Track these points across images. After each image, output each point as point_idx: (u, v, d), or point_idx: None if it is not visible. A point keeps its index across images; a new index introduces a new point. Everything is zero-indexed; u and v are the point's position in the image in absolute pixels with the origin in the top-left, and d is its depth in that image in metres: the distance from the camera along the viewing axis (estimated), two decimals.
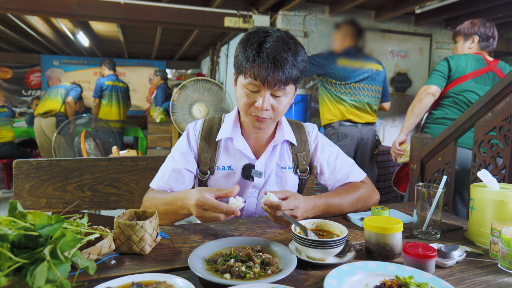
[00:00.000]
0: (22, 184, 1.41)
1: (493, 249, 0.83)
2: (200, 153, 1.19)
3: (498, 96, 1.53)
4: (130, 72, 8.86)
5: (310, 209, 1.04)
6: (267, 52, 0.98)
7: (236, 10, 4.25)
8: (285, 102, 1.07)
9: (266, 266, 0.75)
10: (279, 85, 1.01)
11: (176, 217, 1.06)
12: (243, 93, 1.06)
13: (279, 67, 0.98)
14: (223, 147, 1.19)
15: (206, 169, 1.17)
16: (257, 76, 0.99)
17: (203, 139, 1.20)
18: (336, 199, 1.12)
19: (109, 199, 1.49)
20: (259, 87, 1.02)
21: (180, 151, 1.19)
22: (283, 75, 0.99)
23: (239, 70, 1.07)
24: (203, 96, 3.00)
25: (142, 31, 6.11)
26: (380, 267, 0.73)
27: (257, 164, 1.17)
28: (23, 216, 0.63)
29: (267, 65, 0.98)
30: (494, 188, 0.92)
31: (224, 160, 1.18)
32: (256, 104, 1.03)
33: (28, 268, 0.56)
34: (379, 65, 2.86)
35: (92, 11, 3.84)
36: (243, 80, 1.04)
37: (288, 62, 0.99)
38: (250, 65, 1.00)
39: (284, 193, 0.99)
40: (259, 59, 0.98)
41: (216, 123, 1.23)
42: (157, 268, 0.76)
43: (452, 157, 1.78)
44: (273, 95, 1.04)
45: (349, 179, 1.23)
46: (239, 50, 1.05)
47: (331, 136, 2.85)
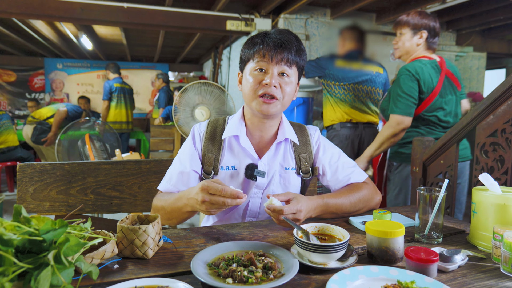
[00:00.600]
0: (26, 188, 1.42)
1: (496, 253, 0.83)
2: (204, 153, 1.20)
3: (499, 99, 1.53)
4: (133, 75, 8.91)
5: (313, 210, 1.05)
6: (274, 35, 1.08)
7: (238, 14, 4.27)
8: (291, 85, 1.11)
9: (268, 270, 0.75)
10: (285, 61, 1.07)
11: (181, 216, 1.07)
12: (251, 77, 1.10)
13: (285, 44, 1.07)
14: (227, 146, 1.20)
15: (210, 169, 1.18)
16: (265, 53, 1.07)
17: (207, 139, 1.21)
18: (338, 200, 1.13)
19: (112, 203, 1.50)
20: (267, 65, 1.08)
21: (186, 153, 1.20)
22: (289, 53, 1.07)
23: (246, 59, 1.13)
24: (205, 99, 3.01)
25: (145, 35, 6.15)
26: (382, 272, 0.74)
27: (260, 164, 1.18)
28: (28, 221, 0.64)
29: (275, 42, 1.06)
30: (496, 192, 0.92)
31: (228, 160, 1.19)
32: (264, 82, 1.07)
33: (32, 273, 0.57)
34: (379, 67, 2.87)
35: (96, 15, 3.87)
36: (251, 65, 1.11)
37: (293, 43, 1.08)
38: (258, 48, 1.08)
39: (287, 195, 1.00)
40: (267, 40, 1.07)
41: (220, 124, 1.24)
42: (159, 273, 0.76)
43: (454, 160, 1.78)
44: (280, 75, 1.09)
45: (350, 180, 1.24)
46: (245, 45, 1.14)
47: (333, 138, 2.87)
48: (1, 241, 0.56)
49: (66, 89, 8.44)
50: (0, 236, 0.57)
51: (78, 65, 8.55)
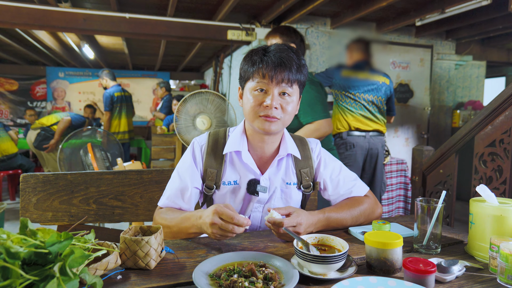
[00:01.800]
0: (29, 198, 1.43)
1: (492, 263, 0.84)
2: (206, 168, 1.19)
3: (497, 110, 1.55)
4: (134, 83, 8.96)
5: (314, 224, 1.06)
6: (273, 53, 1.06)
7: (239, 23, 4.32)
8: (292, 104, 1.10)
9: (268, 281, 0.76)
10: (286, 81, 1.06)
11: (187, 236, 1.07)
12: (251, 97, 1.09)
13: (286, 63, 1.04)
14: (229, 161, 1.19)
15: (212, 184, 1.18)
16: (265, 73, 1.05)
17: (208, 154, 1.20)
18: (339, 214, 1.13)
19: (114, 212, 1.51)
20: (267, 85, 1.06)
21: (187, 169, 1.19)
22: (290, 72, 1.05)
23: (245, 77, 1.11)
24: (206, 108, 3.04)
25: (146, 44, 6.21)
26: (381, 283, 0.75)
27: (262, 179, 1.17)
28: (34, 234, 0.65)
29: (274, 62, 1.04)
30: (493, 203, 0.94)
31: (230, 175, 1.18)
32: (265, 103, 1.06)
33: (39, 285, 0.58)
34: (386, 78, 2.92)
35: (98, 25, 3.92)
36: (251, 84, 1.09)
37: (294, 61, 1.06)
38: (257, 67, 1.06)
39: (287, 209, 1.01)
40: (266, 58, 1.05)
41: (221, 137, 1.23)
42: (162, 283, 0.78)
43: (453, 169, 1.79)
44: (281, 95, 1.08)
45: (352, 194, 1.24)
46: (244, 61, 1.11)
47: (340, 146, 2.90)
48: (8, 253, 0.58)
49: (67, 97, 8.50)
50: (7, 249, 0.58)
51: (79, 73, 8.61)
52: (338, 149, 2.96)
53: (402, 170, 3.65)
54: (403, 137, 4.92)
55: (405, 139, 4.94)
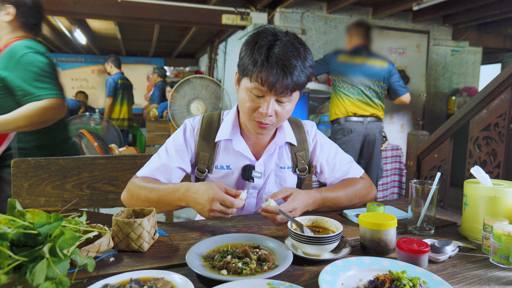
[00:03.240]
0: (21, 183, 1.41)
1: (485, 244, 0.84)
2: (199, 151, 1.17)
3: (493, 93, 1.54)
4: (128, 70, 8.84)
5: (311, 204, 1.07)
6: (276, 58, 0.95)
7: (233, 8, 4.25)
8: (288, 108, 1.05)
9: (262, 262, 0.76)
10: (286, 92, 0.98)
11: (168, 207, 1.04)
12: (247, 97, 1.03)
13: (287, 73, 0.95)
14: (223, 147, 1.17)
15: (204, 167, 1.17)
16: (265, 81, 0.96)
17: (202, 137, 1.17)
18: (336, 193, 1.14)
19: (107, 197, 1.50)
20: (265, 93, 0.99)
21: (175, 147, 1.16)
22: (292, 82, 0.97)
23: (244, 73, 1.03)
24: (200, 93, 3.01)
25: (140, 29, 6.10)
26: (374, 263, 0.75)
27: (257, 165, 1.16)
28: (22, 215, 0.64)
29: (276, 71, 0.95)
30: (487, 184, 0.94)
31: (222, 160, 1.17)
32: (261, 110, 1.01)
33: (28, 266, 0.57)
34: (384, 61, 2.89)
35: (89, 8, 3.83)
36: (248, 84, 1.01)
37: (297, 68, 0.97)
38: (258, 70, 0.96)
39: (284, 192, 1.01)
40: (268, 64, 0.95)
41: (215, 120, 1.20)
42: (155, 265, 0.77)
43: (448, 154, 1.80)
44: (278, 101, 1.02)
45: (347, 176, 1.24)
46: (246, 52, 1.01)
47: (338, 132, 2.91)
48: None
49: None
50: None
51: (72, 60, 8.47)
52: (335, 135, 2.96)
53: (397, 156, 3.66)
54: (398, 124, 4.93)
55: (400, 125, 4.95)
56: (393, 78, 2.93)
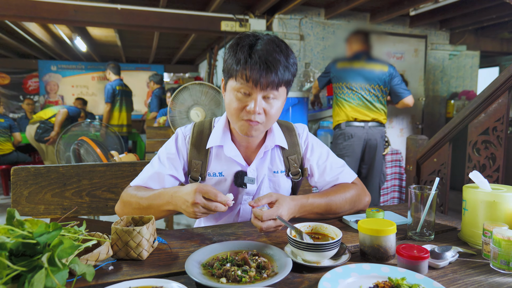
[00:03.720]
0: (20, 191, 1.41)
1: (485, 249, 0.84)
2: (191, 159, 1.17)
3: (490, 97, 1.55)
4: (128, 76, 8.88)
5: (297, 210, 1.04)
6: (259, 54, 0.97)
7: (232, 14, 4.28)
8: (276, 106, 1.05)
9: (261, 269, 0.76)
10: (271, 87, 0.99)
11: (158, 213, 1.03)
12: (233, 97, 1.03)
13: (271, 68, 0.97)
14: (214, 154, 1.17)
15: (197, 175, 1.16)
16: (249, 78, 0.97)
17: (193, 145, 1.17)
18: (325, 199, 1.11)
19: (107, 205, 1.50)
20: (251, 90, 1.00)
21: (167, 156, 1.16)
22: (276, 76, 0.98)
23: (229, 74, 1.04)
24: (200, 100, 3.01)
25: (140, 36, 6.14)
26: (374, 269, 0.75)
27: (249, 170, 1.16)
28: (21, 224, 0.64)
29: (260, 66, 0.96)
30: (486, 189, 0.94)
31: (215, 167, 1.16)
32: (248, 108, 1.01)
33: (26, 275, 0.57)
34: (383, 65, 2.90)
35: (89, 17, 3.86)
36: (234, 84, 1.02)
37: (281, 63, 0.98)
38: (242, 68, 0.98)
39: (269, 198, 0.98)
40: (251, 61, 0.96)
41: (206, 128, 1.20)
42: (154, 273, 0.77)
43: (447, 158, 1.80)
44: (265, 98, 1.02)
45: (338, 181, 1.21)
46: (229, 54, 1.03)
47: (338, 137, 2.90)
48: None
49: (60, 91, 8.40)
50: None
51: (72, 67, 8.51)
52: (336, 140, 2.96)
53: (396, 160, 3.66)
54: (398, 128, 4.94)
55: (400, 129, 4.95)
56: (394, 81, 2.92)
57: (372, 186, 3.03)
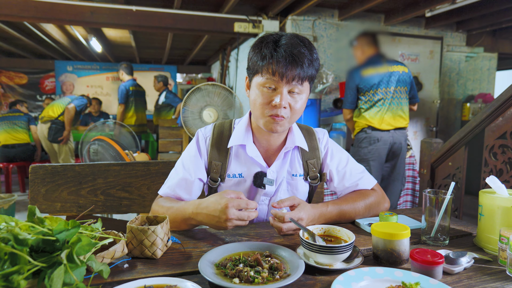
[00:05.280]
0: (38, 189, 1.45)
1: (502, 255, 0.83)
2: (211, 160, 1.17)
3: (508, 101, 1.52)
4: (141, 77, 8.99)
5: (317, 218, 1.05)
6: (284, 48, 0.99)
7: (245, 16, 4.29)
8: (301, 101, 1.06)
9: (274, 271, 0.76)
10: (297, 80, 1.01)
11: (184, 226, 1.05)
12: (259, 93, 1.05)
13: (297, 61, 0.99)
14: (234, 154, 1.18)
15: (217, 176, 1.17)
16: (275, 71, 0.99)
17: (213, 146, 1.18)
18: (344, 207, 1.12)
19: (121, 203, 1.53)
20: (277, 83, 1.01)
21: (191, 159, 1.18)
22: (301, 69, 1.00)
23: (254, 71, 1.06)
24: (213, 100, 3.04)
25: (153, 37, 6.21)
26: (387, 273, 0.74)
27: (269, 172, 1.16)
28: (41, 222, 0.66)
29: (286, 59, 0.98)
30: (503, 195, 0.92)
31: (235, 168, 1.17)
32: (274, 102, 1.02)
33: (46, 271, 0.59)
34: (403, 66, 2.87)
35: (105, 18, 3.93)
36: (260, 79, 1.04)
37: (306, 56, 1.00)
38: (268, 62, 1.00)
39: (292, 200, 1.00)
40: (277, 54, 0.99)
41: (226, 129, 1.21)
42: (168, 272, 0.78)
43: (462, 162, 1.77)
44: (290, 93, 1.04)
45: (358, 187, 1.22)
46: (253, 52, 1.05)
47: (363, 140, 2.84)
48: (16, 240, 0.59)
49: (76, 91, 8.57)
50: (16, 235, 0.59)
51: (87, 67, 8.67)
52: (360, 143, 2.89)
53: (410, 163, 3.61)
54: (412, 131, 4.87)
55: (414, 132, 4.89)
56: (413, 83, 2.91)
57: (394, 189, 3.01)
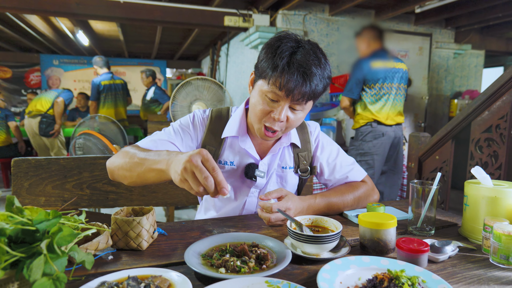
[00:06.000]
0: (21, 183, 1.42)
1: (485, 244, 0.84)
2: (205, 144, 1.17)
3: (494, 95, 1.54)
4: (130, 72, 8.88)
5: (305, 210, 1.05)
6: (298, 64, 0.94)
7: (236, 9, 4.26)
8: (300, 116, 1.04)
9: (261, 260, 0.76)
10: (302, 99, 0.98)
11: (146, 172, 0.92)
12: (260, 100, 1.02)
13: (307, 80, 0.95)
14: (229, 143, 1.17)
15: None
16: (283, 86, 0.95)
17: (210, 130, 1.17)
18: (333, 199, 1.12)
19: (108, 197, 1.50)
20: (281, 98, 0.98)
21: (181, 128, 1.15)
22: (310, 89, 0.96)
23: (262, 75, 1.01)
24: (202, 95, 3.01)
25: (142, 30, 6.13)
26: (373, 262, 0.74)
27: (261, 164, 1.16)
28: (20, 211, 0.64)
29: (296, 77, 0.94)
30: (488, 185, 0.93)
31: (228, 156, 1.17)
32: (273, 115, 0.99)
33: (25, 262, 0.57)
34: (405, 65, 2.89)
35: (92, 10, 3.85)
36: (265, 87, 0.99)
37: (317, 77, 0.96)
38: (278, 74, 0.95)
39: (279, 192, 1.00)
40: (289, 70, 0.94)
41: (224, 116, 1.20)
42: (153, 263, 0.77)
43: (449, 155, 1.79)
44: (291, 108, 1.01)
45: (348, 179, 1.22)
46: (266, 54, 0.99)
47: (368, 134, 2.84)
48: None
49: (62, 85, 8.41)
50: None
51: (74, 61, 8.51)
52: (364, 137, 2.88)
53: None
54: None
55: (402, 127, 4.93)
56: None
57: (395, 182, 3.05)
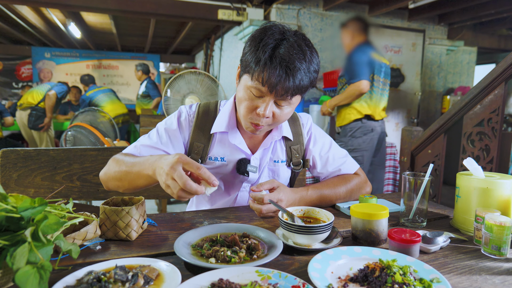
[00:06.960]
0: (10, 174, 1.39)
1: (477, 235, 0.84)
2: (193, 141, 1.13)
3: (486, 89, 1.54)
4: (123, 65, 8.78)
5: (297, 202, 1.05)
6: (281, 58, 0.90)
7: (229, 3, 4.22)
8: (287, 112, 1.01)
9: (252, 251, 0.75)
10: (286, 94, 0.94)
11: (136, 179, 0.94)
12: (245, 95, 0.99)
13: (290, 76, 0.91)
14: (218, 138, 1.14)
15: (198, 157, 1.13)
16: (266, 82, 0.92)
17: (197, 127, 1.14)
18: (325, 191, 1.11)
19: (98, 189, 1.48)
20: (265, 94, 0.95)
21: (168, 132, 1.12)
22: (294, 85, 0.92)
23: (246, 70, 0.98)
24: (195, 88, 2.99)
25: (135, 23, 6.05)
26: (365, 252, 0.74)
27: (253, 159, 1.14)
28: (4, 199, 0.62)
29: (279, 72, 0.90)
30: (479, 176, 0.93)
31: (217, 151, 1.14)
32: (258, 111, 0.97)
33: (9, 249, 0.55)
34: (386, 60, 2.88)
35: (83, 1, 3.79)
36: (249, 82, 0.96)
37: (301, 72, 0.92)
38: (260, 69, 0.92)
39: (271, 184, 0.99)
40: (271, 64, 0.90)
41: (212, 111, 1.17)
42: (142, 254, 0.76)
43: (441, 149, 1.80)
44: (277, 103, 0.98)
45: (341, 172, 1.21)
46: (250, 48, 0.96)
47: (357, 130, 2.80)
48: None
49: (54, 78, 8.28)
50: None
51: (67, 54, 8.39)
52: (354, 133, 2.85)
53: (391, 153, 3.67)
54: (393, 122, 4.94)
55: (395, 123, 4.96)
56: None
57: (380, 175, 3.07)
